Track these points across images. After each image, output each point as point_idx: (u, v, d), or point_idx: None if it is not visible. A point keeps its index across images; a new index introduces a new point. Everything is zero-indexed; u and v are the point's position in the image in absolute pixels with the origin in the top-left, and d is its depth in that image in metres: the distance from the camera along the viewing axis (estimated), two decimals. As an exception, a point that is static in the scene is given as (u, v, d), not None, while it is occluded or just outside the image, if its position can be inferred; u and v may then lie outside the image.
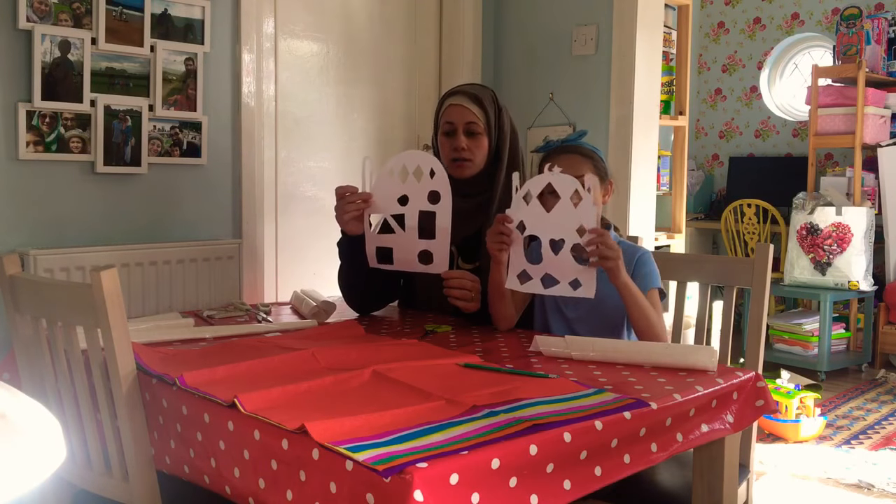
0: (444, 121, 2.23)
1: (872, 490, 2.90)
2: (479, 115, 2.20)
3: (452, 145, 2.20)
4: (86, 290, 1.45)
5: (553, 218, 1.87)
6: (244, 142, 3.22)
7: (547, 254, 1.88)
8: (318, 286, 2.58)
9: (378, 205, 2.09)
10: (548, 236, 1.88)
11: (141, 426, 1.49)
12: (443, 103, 2.27)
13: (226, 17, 3.16)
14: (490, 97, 2.25)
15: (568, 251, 1.86)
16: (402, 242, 2.07)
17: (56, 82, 2.70)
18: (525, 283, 1.92)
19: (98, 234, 2.87)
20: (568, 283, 1.87)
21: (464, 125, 2.19)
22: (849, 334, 4.76)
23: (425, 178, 2.03)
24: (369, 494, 1.07)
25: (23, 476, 0.70)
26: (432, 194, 2.02)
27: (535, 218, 1.89)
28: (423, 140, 3.99)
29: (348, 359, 1.62)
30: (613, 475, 1.31)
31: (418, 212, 2.04)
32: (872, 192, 4.87)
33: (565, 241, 1.87)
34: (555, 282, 1.89)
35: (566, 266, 1.87)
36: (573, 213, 1.85)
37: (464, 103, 2.20)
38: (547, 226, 1.88)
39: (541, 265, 1.90)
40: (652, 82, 3.80)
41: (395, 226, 2.07)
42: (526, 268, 1.91)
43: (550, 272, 1.89)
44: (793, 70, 5.94)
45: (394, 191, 2.07)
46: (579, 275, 1.86)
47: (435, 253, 2.05)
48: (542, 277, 1.90)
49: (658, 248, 4.17)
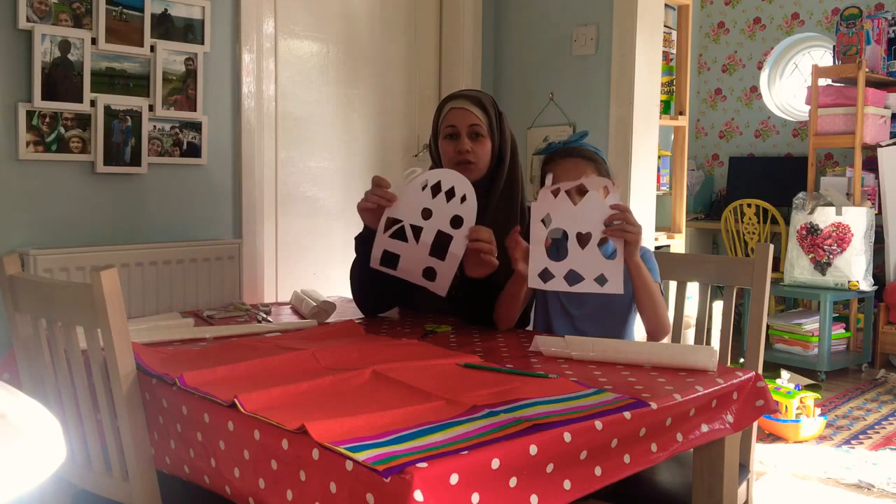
0: (445, 125, 2.20)
1: (872, 490, 2.90)
2: (481, 117, 2.18)
3: (456, 148, 2.17)
4: (86, 290, 1.45)
5: (580, 211, 1.87)
6: (244, 142, 3.23)
7: (573, 248, 1.87)
8: (318, 286, 2.58)
9: (401, 209, 2.03)
10: (575, 229, 1.88)
11: (141, 426, 1.49)
12: (442, 108, 2.24)
13: (226, 17, 3.16)
14: (490, 101, 2.24)
15: (595, 245, 1.86)
16: (411, 253, 2.03)
17: (56, 82, 2.71)
18: (549, 282, 1.90)
19: (98, 234, 2.87)
20: (594, 280, 1.86)
21: (467, 128, 2.17)
22: (849, 334, 4.76)
23: (455, 200, 1.99)
24: (369, 494, 1.07)
25: (23, 476, 0.70)
26: (455, 219, 1.99)
27: (563, 211, 1.88)
28: (422, 140, 3.99)
29: (348, 359, 1.62)
30: (613, 475, 1.31)
31: (437, 230, 2.00)
32: (872, 192, 4.87)
33: (592, 234, 1.86)
34: (580, 278, 1.87)
35: (593, 261, 1.86)
36: (601, 207, 1.85)
37: (466, 106, 2.19)
38: (575, 219, 1.87)
39: (565, 261, 1.88)
40: (652, 82, 3.80)
41: (411, 235, 2.02)
42: (548, 266, 1.89)
43: (576, 268, 1.87)
44: (793, 70, 5.94)
45: (421, 201, 2.02)
46: (605, 270, 1.85)
47: (440, 274, 2.01)
48: (566, 275, 1.88)
49: (658, 248, 4.17)
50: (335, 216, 3.67)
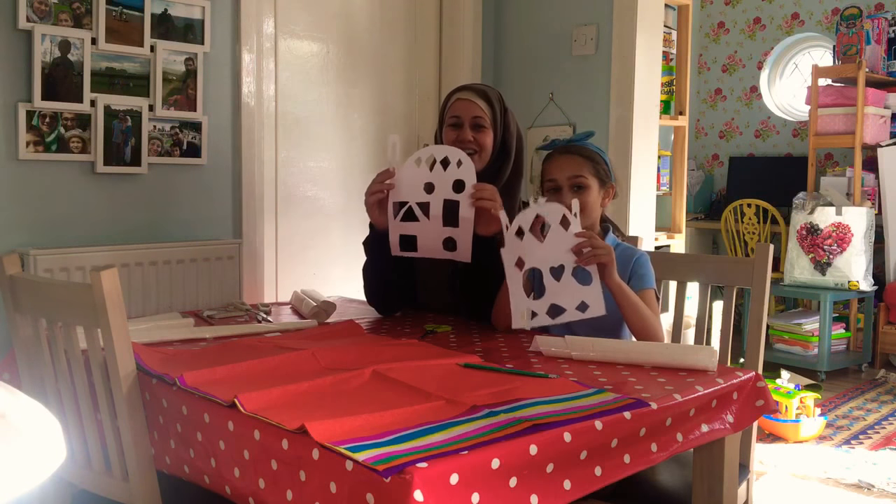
0: (450, 115, 2.26)
1: (872, 490, 2.90)
2: (485, 109, 2.23)
3: (458, 137, 2.23)
4: (86, 290, 1.45)
5: (548, 246, 1.89)
6: (244, 142, 3.23)
7: (550, 283, 1.89)
8: (318, 286, 2.58)
9: (403, 191, 2.06)
10: (547, 265, 1.89)
11: (141, 426, 1.49)
12: (449, 99, 2.30)
13: (226, 17, 3.16)
14: (497, 95, 2.29)
15: (569, 275, 1.88)
16: (426, 230, 2.06)
17: (56, 82, 2.71)
18: (533, 319, 1.92)
19: (98, 234, 2.87)
20: (575, 308, 1.88)
21: (470, 119, 2.22)
22: (849, 334, 4.76)
23: (452, 167, 2.03)
24: (369, 494, 1.07)
25: (23, 476, 0.70)
26: (457, 183, 2.02)
27: (532, 250, 1.90)
28: (423, 140, 3.99)
29: (348, 359, 1.62)
30: (613, 475, 1.31)
31: (443, 200, 2.03)
32: (872, 192, 4.87)
33: (564, 266, 1.88)
34: (562, 310, 1.89)
35: (570, 290, 1.88)
36: (565, 237, 1.87)
37: (471, 98, 2.24)
38: (544, 255, 1.89)
39: (545, 298, 1.90)
40: (652, 82, 3.80)
41: (420, 213, 2.05)
42: (530, 306, 1.91)
43: (556, 301, 1.89)
44: (793, 70, 5.94)
45: (420, 178, 2.05)
46: (585, 297, 1.87)
47: (459, 241, 2.04)
48: (549, 310, 1.90)
49: (658, 248, 4.17)
50: (335, 216, 3.67)
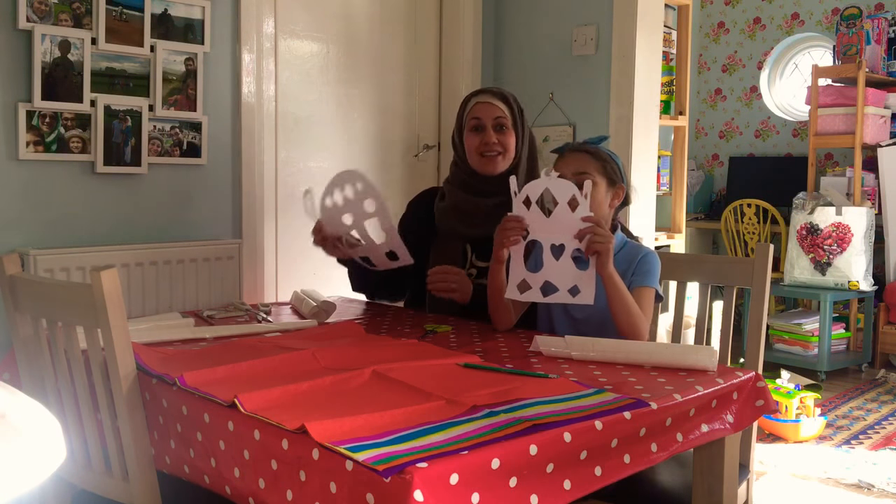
0: (470, 117, 2.28)
1: (872, 490, 2.90)
2: (506, 110, 2.27)
3: (482, 140, 2.25)
4: (86, 290, 1.45)
5: (553, 223, 1.88)
6: (244, 142, 3.22)
7: (548, 259, 1.88)
8: (318, 286, 2.58)
9: (333, 232, 2.20)
10: (549, 241, 1.88)
11: (141, 426, 1.49)
12: (468, 102, 2.32)
13: (226, 17, 3.16)
14: (513, 97, 2.32)
15: (569, 256, 1.87)
16: (370, 250, 2.20)
17: (56, 82, 2.70)
18: (525, 293, 1.92)
19: (98, 234, 2.86)
20: (567, 290, 1.87)
21: (492, 120, 2.25)
22: (849, 334, 4.76)
23: (357, 191, 2.12)
24: (369, 494, 1.07)
25: (23, 476, 0.70)
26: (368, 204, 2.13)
27: (537, 223, 1.89)
28: (423, 140, 3.99)
29: (348, 359, 1.62)
30: (613, 475, 1.31)
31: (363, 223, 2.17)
32: (872, 192, 4.87)
33: (566, 246, 1.87)
34: (554, 289, 1.89)
35: (566, 272, 1.87)
36: (572, 218, 1.85)
37: (491, 100, 2.27)
38: (548, 230, 1.88)
39: (540, 273, 1.89)
40: (652, 82, 3.80)
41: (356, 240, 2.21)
42: (526, 277, 1.91)
43: (550, 279, 1.89)
44: (793, 70, 5.94)
45: (338, 215, 2.18)
46: (578, 281, 1.86)
47: (395, 250, 2.15)
48: (542, 286, 1.90)
49: (658, 248, 4.17)
50: (335, 216, 3.67)
